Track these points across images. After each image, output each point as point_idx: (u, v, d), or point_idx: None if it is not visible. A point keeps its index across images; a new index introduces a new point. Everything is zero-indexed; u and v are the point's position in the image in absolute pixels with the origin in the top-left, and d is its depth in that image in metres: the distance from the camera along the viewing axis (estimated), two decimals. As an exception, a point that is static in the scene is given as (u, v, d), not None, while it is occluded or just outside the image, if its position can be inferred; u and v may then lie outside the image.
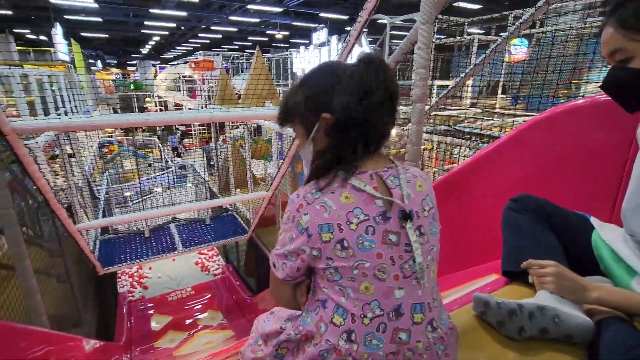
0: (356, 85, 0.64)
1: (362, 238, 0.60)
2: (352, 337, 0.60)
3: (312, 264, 0.65)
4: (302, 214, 0.63)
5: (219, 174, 7.06)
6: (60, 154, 3.76)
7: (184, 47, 25.44)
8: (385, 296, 0.60)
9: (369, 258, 0.59)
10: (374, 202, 0.61)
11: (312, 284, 0.69)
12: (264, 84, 4.85)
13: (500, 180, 1.33)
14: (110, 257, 4.68)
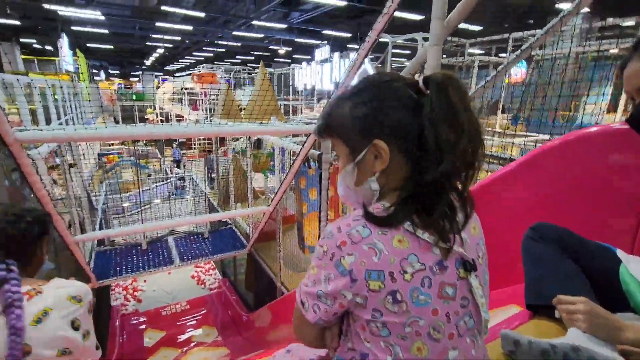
0: (438, 111, 0.54)
1: (417, 291, 0.52)
2: None
3: (352, 310, 0.56)
4: (346, 254, 0.54)
5: (219, 186, 7.03)
6: (61, 164, 3.72)
7: (187, 59, 25.81)
8: (438, 358, 0.53)
9: (424, 315, 0.52)
10: (431, 249, 0.54)
11: (347, 328, 0.60)
12: (268, 99, 4.88)
13: (515, 204, 1.30)
14: (105, 269, 4.59)
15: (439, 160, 0.53)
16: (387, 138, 0.57)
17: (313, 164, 3.84)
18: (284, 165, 7.11)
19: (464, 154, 0.53)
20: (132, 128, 2.13)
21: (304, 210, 3.88)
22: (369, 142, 0.58)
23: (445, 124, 0.53)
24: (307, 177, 3.74)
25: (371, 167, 0.59)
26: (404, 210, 0.54)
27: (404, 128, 0.56)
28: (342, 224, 0.56)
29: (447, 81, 0.55)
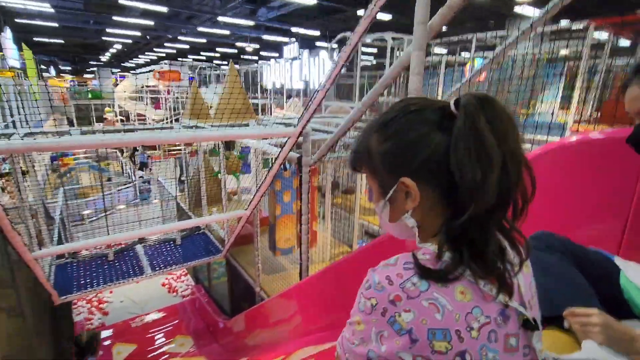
0: (460, 145, 0.48)
1: (485, 348, 0.47)
2: None
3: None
4: (402, 310, 0.48)
5: (189, 189, 6.76)
6: (13, 173, 3.39)
7: (147, 55, 24.58)
8: None
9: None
10: (492, 298, 0.49)
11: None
12: (239, 99, 4.72)
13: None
14: (67, 284, 4.25)
15: (469, 200, 0.48)
16: (416, 175, 0.53)
17: (288, 166, 3.79)
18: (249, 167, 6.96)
19: (499, 192, 0.48)
20: (99, 136, 1.95)
21: (277, 212, 3.82)
22: (397, 179, 0.54)
23: (470, 156, 0.47)
24: (282, 179, 3.68)
25: (402, 204, 0.55)
26: (460, 259, 0.49)
27: (433, 163, 0.51)
28: (392, 274, 0.50)
29: (478, 104, 0.49)
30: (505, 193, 0.49)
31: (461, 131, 0.49)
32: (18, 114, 8.71)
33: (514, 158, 0.49)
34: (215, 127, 2.37)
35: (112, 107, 17.26)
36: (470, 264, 0.49)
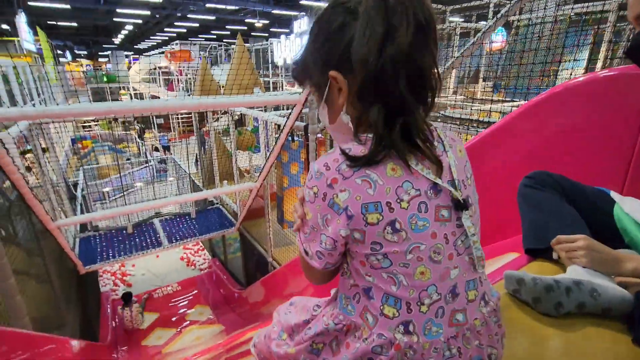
0: (371, 27, 0.49)
1: (415, 217, 0.51)
2: (409, 328, 0.54)
3: (349, 248, 0.56)
4: (338, 191, 0.51)
5: (203, 167, 6.89)
6: (33, 148, 3.53)
7: (158, 36, 24.54)
8: (442, 279, 0.54)
9: (424, 240, 0.52)
10: (422, 174, 0.52)
11: (347, 266, 0.60)
12: (247, 73, 4.70)
13: (510, 158, 1.32)
14: (91, 255, 4.49)
15: (361, 70, 0.50)
16: (341, 67, 0.54)
17: (296, 138, 3.79)
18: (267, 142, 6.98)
19: (401, 49, 0.48)
20: (107, 104, 2.00)
21: (285, 184, 3.86)
22: (327, 76, 0.55)
23: (364, 33, 0.49)
24: (290, 151, 3.69)
25: (337, 101, 0.57)
26: (383, 142, 0.51)
27: (348, 51, 0.52)
28: (329, 160, 0.53)
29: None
30: (421, 69, 0.51)
31: (368, 10, 0.49)
32: (37, 97, 8.96)
33: (427, 28, 0.50)
34: (220, 96, 2.38)
35: (127, 90, 17.50)
36: (397, 144, 0.51)
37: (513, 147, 1.33)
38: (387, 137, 0.51)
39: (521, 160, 1.29)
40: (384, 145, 0.51)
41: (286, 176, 3.76)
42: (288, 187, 3.84)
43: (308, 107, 2.85)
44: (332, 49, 0.54)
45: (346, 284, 0.60)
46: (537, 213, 0.87)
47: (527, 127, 1.28)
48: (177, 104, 2.39)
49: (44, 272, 3.15)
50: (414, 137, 0.52)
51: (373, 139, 0.52)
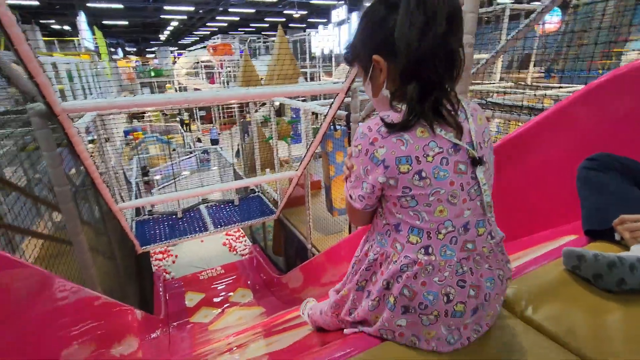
0: (412, 17, 0.61)
1: (437, 169, 0.65)
2: (429, 250, 0.67)
3: (385, 192, 0.70)
4: (378, 147, 0.65)
5: (244, 157, 7.14)
6: (98, 138, 3.88)
7: (201, 31, 25.44)
8: (456, 216, 0.67)
9: (444, 186, 0.65)
10: (445, 137, 0.66)
11: (380, 209, 0.74)
12: (288, 64, 4.79)
13: (568, 143, 1.27)
14: (146, 237, 4.88)
15: (405, 53, 0.63)
16: (382, 52, 0.68)
17: (339, 127, 3.83)
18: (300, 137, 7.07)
19: (436, 42, 0.61)
20: (166, 95, 2.17)
21: (332, 173, 3.92)
22: (371, 58, 0.69)
23: (403, 24, 0.62)
24: (333, 140, 3.74)
25: (378, 80, 0.70)
26: (414, 112, 0.64)
27: (391, 38, 0.64)
28: (372, 124, 0.68)
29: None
30: (453, 53, 0.64)
31: (402, 8, 0.62)
32: (96, 91, 9.75)
33: (455, 16, 0.63)
34: (266, 87, 2.49)
35: (172, 84, 18.41)
36: (426, 114, 0.64)
37: (571, 131, 1.28)
38: (418, 108, 0.64)
39: (579, 145, 1.24)
40: (415, 114, 0.64)
41: (332, 165, 3.82)
42: (335, 175, 3.90)
43: (350, 96, 2.88)
44: (375, 37, 0.68)
45: (380, 224, 0.75)
46: (599, 195, 0.85)
47: (587, 111, 1.22)
48: (227, 94, 2.54)
49: (110, 250, 3.49)
50: (440, 108, 0.65)
51: (407, 109, 0.65)
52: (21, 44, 1.56)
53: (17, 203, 2.16)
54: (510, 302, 0.64)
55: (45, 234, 2.46)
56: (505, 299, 0.65)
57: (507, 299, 0.65)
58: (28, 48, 1.61)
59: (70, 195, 2.13)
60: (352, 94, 2.85)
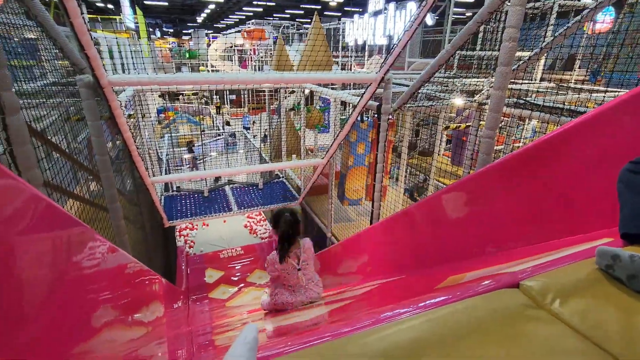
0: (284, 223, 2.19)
1: (286, 271, 2.18)
2: (281, 288, 2.23)
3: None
4: (275, 263, 2.21)
5: (271, 142, 7.24)
6: (135, 113, 4.05)
7: (236, 15, 25.67)
8: (292, 281, 2.19)
9: (288, 272, 2.18)
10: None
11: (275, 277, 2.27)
12: (322, 53, 4.77)
13: (608, 146, 1.22)
14: (173, 212, 5.09)
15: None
16: (275, 228, 2.41)
17: (366, 118, 3.80)
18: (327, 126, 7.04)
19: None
20: (205, 74, 2.24)
21: (350, 162, 3.93)
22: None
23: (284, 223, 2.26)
24: (359, 130, 3.73)
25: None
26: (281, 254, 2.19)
27: (276, 224, 2.39)
28: (274, 255, 2.26)
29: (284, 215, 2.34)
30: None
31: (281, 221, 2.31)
32: (133, 68, 10.12)
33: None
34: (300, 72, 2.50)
35: (205, 66, 18.78)
36: (283, 253, 2.18)
37: (613, 134, 1.23)
38: (282, 251, 2.17)
39: (622, 148, 1.19)
40: (282, 254, 2.16)
41: (352, 155, 3.84)
42: (353, 165, 3.92)
43: (383, 86, 2.86)
44: (276, 224, 2.31)
45: (274, 280, 2.27)
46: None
47: (631, 114, 1.17)
48: (262, 77, 2.57)
49: (140, 220, 3.67)
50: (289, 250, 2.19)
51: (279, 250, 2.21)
52: (76, 17, 1.65)
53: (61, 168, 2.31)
54: (537, 293, 0.64)
55: (85, 198, 2.62)
56: (531, 290, 0.65)
57: (533, 291, 0.65)
58: (82, 22, 1.70)
59: (109, 164, 2.26)
60: (385, 85, 2.83)
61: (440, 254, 2.10)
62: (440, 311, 0.61)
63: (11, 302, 0.64)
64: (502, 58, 1.83)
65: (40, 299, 0.75)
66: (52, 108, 2.19)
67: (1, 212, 0.63)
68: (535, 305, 0.61)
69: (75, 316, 0.94)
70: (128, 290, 1.66)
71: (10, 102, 1.09)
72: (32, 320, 0.69)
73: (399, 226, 2.62)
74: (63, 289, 0.91)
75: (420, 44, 13.99)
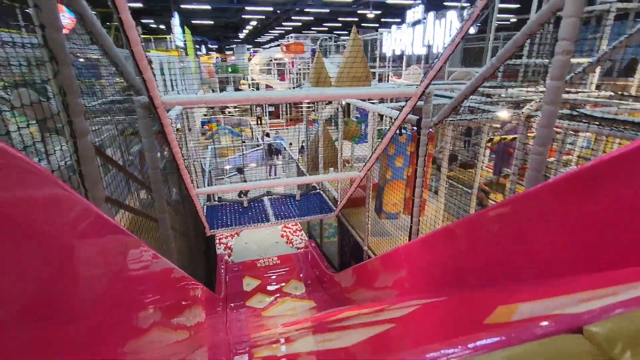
0: None
1: None
2: None
3: None
4: None
5: (308, 154, 7.34)
6: (182, 128, 4.31)
7: (276, 30, 26.61)
8: None
9: None
10: None
11: None
12: (360, 66, 4.79)
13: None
14: (214, 221, 5.30)
15: None
16: None
17: (404, 131, 3.74)
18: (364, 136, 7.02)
19: None
20: (248, 93, 2.36)
21: (388, 176, 3.86)
22: None
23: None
24: (397, 143, 3.68)
25: None
26: None
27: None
28: None
29: None
30: None
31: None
32: (180, 85, 10.79)
33: None
34: (339, 88, 2.54)
35: (246, 80, 19.59)
36: None
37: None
38: None
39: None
40: None
41: (391, 168, 3.78)
42: (391, 179, 3.86)
43: (424, 100, 2.81)
44: None
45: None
46: None
47: None
48: (302, 94, 2.64)
49: (185, 229, 3.86)
50: None
51: None
52: (136, 45, 1.80)
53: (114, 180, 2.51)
54: (604, 341, 0.59)
55: (136, 209, 2.81)
56: (597, 337, 0.60)
57: (599, 338, 0.60)
58: (141, 49, 1.85)
59: (160, 177, 2.41)
60: (426, 99, 2.78)
61: (485, 274, 1.99)
62: (497, 355, 0.58)
63: (75, 299, 0.74)
64: (554, 72, 1.73)
65: (98, 298, 0.85)
66: (112, 124, 2.40)
67: (70, 228, 0.72)
68: (602, 355, 0.56)
69: (125, 314, 1.04)
70: (170, 296, 1.75)
71: (81, 128, 1.22)
72: (97, 312, 0.81)
73: (441, 243, 2.52)
74: (116, 290, 0.99)
75: (461, 53, 13.61)
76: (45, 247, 0.65)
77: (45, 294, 0.65)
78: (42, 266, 0.64)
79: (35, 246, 0.62)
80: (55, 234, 0.69)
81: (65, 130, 1.18)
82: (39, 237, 0.64)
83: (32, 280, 0.61)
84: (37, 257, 0.63)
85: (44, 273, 0.64)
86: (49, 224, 0.67)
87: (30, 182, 0.62)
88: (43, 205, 0.66)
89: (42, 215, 0.66)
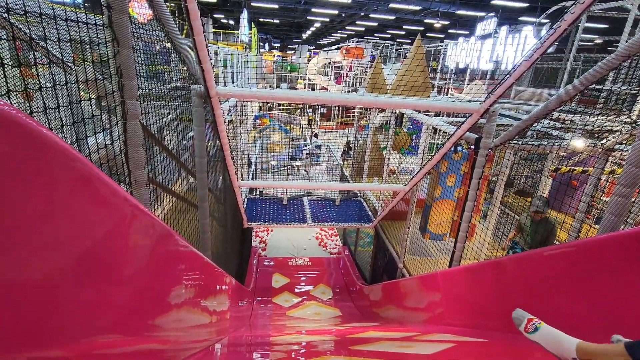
0: None
1: None
2: None
3: None
4: None
5: (355, 159, 7.22)
6: (235, 120, 4.42)
7: (339, 33, 26.79)
8: None
9: None
10: None
11: None
12: (420, 76, 4.55)
13: None
14: (253, 214, 5.38)
15: None
16: None
17: (460, 149, 3.49)
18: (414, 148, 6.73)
19: None
20: (301, 92, 2.32)
21: (437, 194, 3.62)
22: None
23: None
24: (450, 161, 3.44)
25: None
26: None
27: None
28: None
29: None
30: None
31: None
32: (241, 78, 11.22)
33: None
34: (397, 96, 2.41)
35: (303, 80, 19.92)
36: None
37: None
38: None
39: None
40: None
41: (440, 186, 3.55)
42: (439, 198, 3.63)
43: (486, 118, 2.57)
44: None
45: None
46: None
47: None
48: (355, 99, 2.55)
49: (223, 219, 3.94)
50: None
51: None
52: (199, 34, 1.83)
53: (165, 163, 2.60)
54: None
55: (179, 194, 2.90)
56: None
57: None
58: (203, 39, 1.88)
59: (205, 166, 2.45)
60: (489, 117, 2.54)
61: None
62: None
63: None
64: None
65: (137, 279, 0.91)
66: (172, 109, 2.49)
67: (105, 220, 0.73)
68: None
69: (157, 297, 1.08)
70: (198, 285, 1.75)
71: (133, 109, 1.24)
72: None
73: (488, 276, 2.28)
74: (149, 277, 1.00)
75: (532, 71, 12.64)
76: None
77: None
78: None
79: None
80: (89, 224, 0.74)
81: (116, 111, 1.21)
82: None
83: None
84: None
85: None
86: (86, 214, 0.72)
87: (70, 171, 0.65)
88: (82, 198, 0.71)
89: (79, 204, 0.70)
